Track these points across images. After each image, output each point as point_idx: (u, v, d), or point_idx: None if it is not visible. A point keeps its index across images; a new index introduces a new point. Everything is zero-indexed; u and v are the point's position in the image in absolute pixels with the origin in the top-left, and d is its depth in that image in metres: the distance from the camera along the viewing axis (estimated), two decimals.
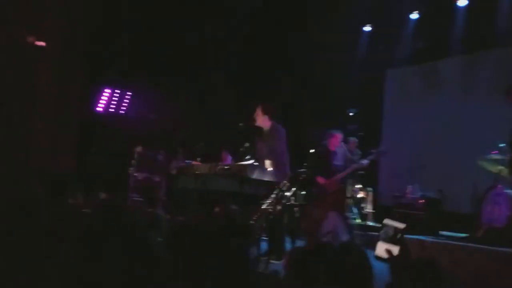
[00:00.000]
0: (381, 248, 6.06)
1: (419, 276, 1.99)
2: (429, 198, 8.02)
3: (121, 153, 9.51)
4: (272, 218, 4.91)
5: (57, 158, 8.35)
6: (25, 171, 7.05)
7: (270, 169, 5.42)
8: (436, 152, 9.12)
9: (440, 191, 8.16)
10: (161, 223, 3.30)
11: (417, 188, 8.38)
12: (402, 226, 6.31)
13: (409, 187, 8.45)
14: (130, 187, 9.22)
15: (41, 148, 8.08)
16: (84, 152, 9.36)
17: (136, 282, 1.98)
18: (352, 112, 9.15)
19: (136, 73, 9.76)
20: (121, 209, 2.08)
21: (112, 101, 10.43)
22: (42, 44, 7.75)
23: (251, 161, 5.44)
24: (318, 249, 2.24)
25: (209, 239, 1.95)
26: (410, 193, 8.39)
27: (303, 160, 5.82)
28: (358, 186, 8.53)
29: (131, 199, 8.44)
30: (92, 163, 9.45)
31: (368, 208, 8.72)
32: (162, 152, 9.75)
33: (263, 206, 4.94)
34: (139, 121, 10.25)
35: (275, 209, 4.94)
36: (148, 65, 9.69)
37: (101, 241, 1.95)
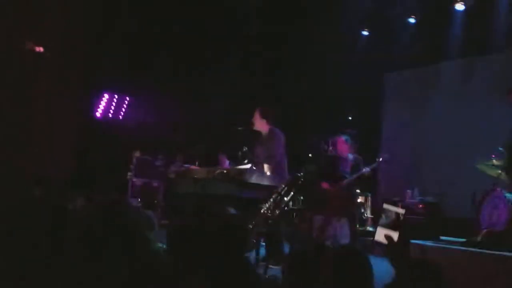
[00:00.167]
0: (380, 234, 6.00)
1: (419, 277, 1.98)
2: (429, 203, 8.02)
3: (120, 158, 9.51)
4: (271, 222, 4.89)
5: (56, 163, 8.33)
6: (23, 176, 7.02)
7: (268, 173, 5.41)
8: (435, 156, 9.12)
9: (440, 195, 8.16)
10: (153, 225, 3.28)
11: (416, 193, 8.38)
12: (402, 211, 6.27)
13: (408, 191, 8.45)
14: (128, 192, 9.21)
15: (40, 153, 8.05)
16: (82, 157, 9.34)
17: (134, 283, 1.96)
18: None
19: (134, 78, 9.76)
20: (121, 209, 2.07)
21: (111, 107, 10.43)
22: (40, 49, 7.73)
23: (250, 165, 5.42)
24: (316, 252, 2.23)
25: (205, 240, 1.94)
26: (409, 198, 8.39)
27: (301, 164, 5.80)
28: (357, 191, 8.50)
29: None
30: (91, 168, 9.43)
31: (367, 213, 8.69)
32: (161, 156, 9.75)
33: (262, 211, 4.93)
34: (138, 126, 10.24)
35: (273, 213, 4.92)
36: (146, 70, 9.68)
37: (101, 242, 1.94)
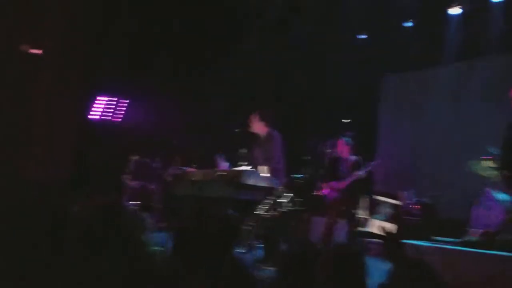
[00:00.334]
0: (374, 225, 6.02)
1: (415, 276, 2.02)
2: (424, 204, 8.08)
3: (117, 161, 9.53)
4: (268, 224, 4.94)
5: (55, 163, 8.34)
6: (23, 176, 7.03)
7: (266, 175, 5.44)
8: (431, 158, 9.18)
9: (435, 196, 8.22)
10: (148, 227, 3.31)
11: (411, 194, 8.44)
12: (397, 202, 6.29)
13: (404, 192, 8.51)
14: (125, 195, 9.23)
15: (39, 153, 8.06)
16: (82, 158, 9.36)
17: (133, 283, 2.00)
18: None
19: (134, 78, 9.78)
20: (120, 209, 2.10)
21: (108, 109, 10.45)
22: (38, 52, 7.74)
23: (248, 167, 5.46)
24: (312, 253, 2.27)
25: (203, 241, 1.97)
26: (405, 199, 8.45)
27: (299, 166, 5.86)
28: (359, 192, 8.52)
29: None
30: (90, 169, 9.45)
31: (363, 214, 8.73)
32: (158, 159, 9.77)
33: (259, 212, 4.98)
34: (135, 128, 10.26)
35: (271, 215, 4.98)
36: (146, 70, 9.71)
37: (101, 242, 1.97)
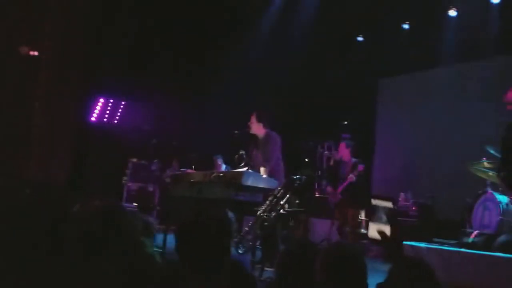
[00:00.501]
0: (373, 229, 6.03)
1: (413, 276, 2.02)
2: (422, 205, 8.10)
3: (116, 163, 9.53)
4: (267, 225, 4.94)
5: (55, 164, 8.34)
6: (23, 176, 7.03)
7: (264, 176, 5.45)
8: (429, 160, 9.21)
9: (433, 198, 8.25)
10: (152, 230, 3.30)
11: (409, 195, 8.47)
12: (389, 204, 6.30)
13: (402, 194, 8.53)
14: (124, 197, 9.23)
15: (39, 153, 8.06)
16: (82, 158, 9.36)
17: (132, 284, 2.01)
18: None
19: (134, 78, 9.78)
20: (119, 211, 2.11)
21: (106, 111, 10.45)
22: (35, 53, 7.75)
23: (246, 168, 5.46)
24: (311, 252, 2.28)
25: (203, 242, 1.98)
26: (403, 200, 8.47)
27: (297, 167, 5.86)
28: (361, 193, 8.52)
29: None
30: (87, 173, 9.45)
31: (361, 216, 8.74)
32: (156, 161, 9.77)
33: (258, 213, 4.99)
34: (134, 130, 10.26)
35: (269, 216, 4.98)
36: (146, 70, 9.73)
37: (100, 243, 1.98)
